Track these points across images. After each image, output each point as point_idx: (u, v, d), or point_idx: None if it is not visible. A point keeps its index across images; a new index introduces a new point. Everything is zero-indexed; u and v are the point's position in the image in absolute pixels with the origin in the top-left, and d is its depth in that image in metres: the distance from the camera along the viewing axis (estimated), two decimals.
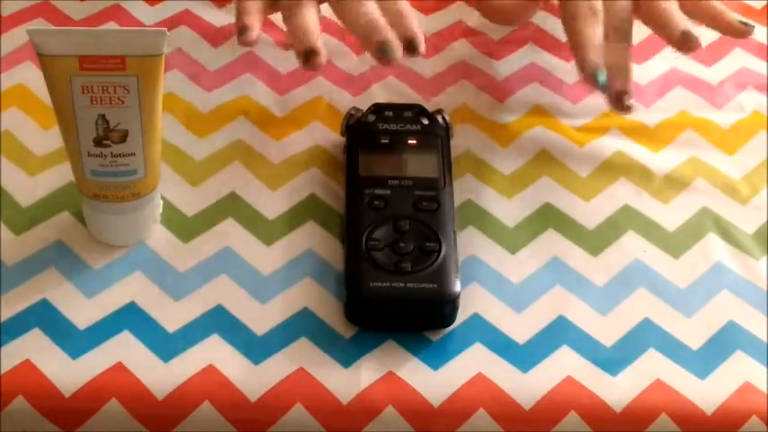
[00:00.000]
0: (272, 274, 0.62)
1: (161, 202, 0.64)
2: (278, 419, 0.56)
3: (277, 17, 0.67)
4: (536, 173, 0.69)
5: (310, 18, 0.64)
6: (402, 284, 0.58)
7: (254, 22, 0.64)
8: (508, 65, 0.76)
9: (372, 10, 0.64)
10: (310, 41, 0.62)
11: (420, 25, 0.64)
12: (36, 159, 0.67)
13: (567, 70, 0.76)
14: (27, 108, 0.71)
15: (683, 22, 0.66)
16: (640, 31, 0.80)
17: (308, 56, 0.62)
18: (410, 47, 0.63)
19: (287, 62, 0.75)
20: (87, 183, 0.60)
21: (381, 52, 0.62)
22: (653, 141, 0.71)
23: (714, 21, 0.68)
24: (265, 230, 0.64)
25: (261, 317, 0.60)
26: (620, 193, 0.68)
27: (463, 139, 0.70)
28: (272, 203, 0.66)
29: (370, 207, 0.62)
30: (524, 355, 0.59)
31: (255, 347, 0.58)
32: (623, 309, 0.61)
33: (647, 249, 0.65)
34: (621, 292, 0.62)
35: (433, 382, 0.57)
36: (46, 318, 0.59)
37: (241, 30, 0.63)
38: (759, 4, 0.83)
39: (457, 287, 0.58)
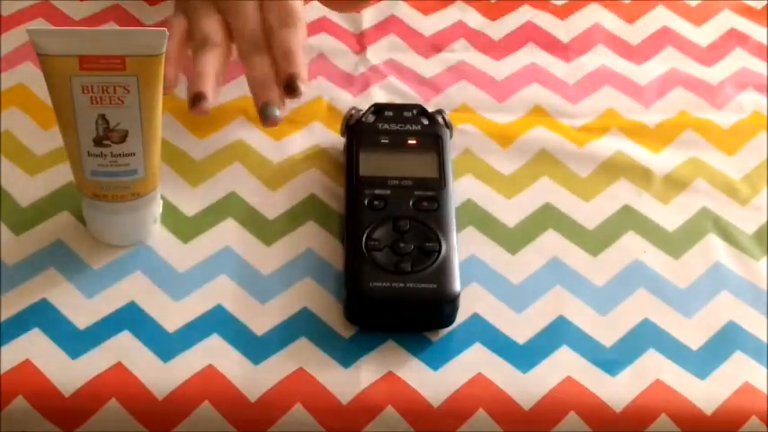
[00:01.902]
0: (272, 274, 0.62)
1: (161, 202, 0.64)
2: (278, 419, 0.56)
3: None
4: (536, 173, 0.69)
5: (208, 62, 0.65)
6: (402, 284, 0.58)
7: (170, 70, 0.64)
8: (508, 65, 0.76)
9: (267, 65, 0.65)
10: (197, 86, 0.64)
11: (305, 61, 0.65)
12: (36, 159, 0.67)
13: (566, 70, 0.76)
14: (27, 108, 0.71)
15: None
16: (639, 32, 0.80)
17: (193, 100, 0.64)
18: (289, 88, 0.64)
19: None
20: (87, 183, 0.60)
21: (263, 112, 0.64)
22: (653, 141, 0.71)
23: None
24: (265, 230, 0.64)
25: (261, 317, 0.60)
26: (620, 194, 0.68)
27: (463, 139, 0.70)
28: (272, 203, 0.66)
29: (370, 207, 0.62)
30: (524, 355, 0.59)
31: (255, 347, 0.58)
32: (623, 309, 0.61)
33: (647, 249, 0.65)
34: (621, 292, 0.62)
35: (432, 382, 0.57)
36: (46, 318, 0.59)
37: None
38: (759, 4, 0.83)
39: (457, 287, 0.58)
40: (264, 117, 0.64)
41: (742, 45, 0.79)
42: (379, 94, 0.73)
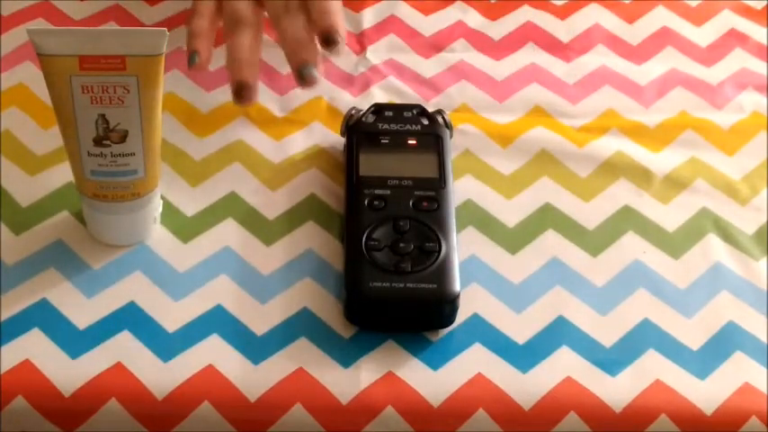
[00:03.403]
0: (272, 274, 0.62)
1: (161, 202, 0.64)
2: (278, 419, 0.56)
3: None
4: (536, 173, 0.69)
5: (245, 46, 0.63)
6: (402, 284, 0.58)
7: (203, 45, 0.63)
8: (508, 65, 0.76)
9: (300, 26, 0.63)
10: (240, 75, 0.62)
11: (344, 24, 0.64)
12: (36, 159, 0.67)
13: (566, 70, 0.76)
14: (27, 108, 0.71)
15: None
16: (639, 32, 0.80)
17: (237, 90, 0.61)
18: (327, 40, 0.62)
19: (287, 62, 0.75)
20: (87, 182, 0.60)
21: (300, 73, 0.62)
22: (653, 141, 0.71)
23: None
24: (265, 230, 0.64)
25: (261, 317, 0.60)
26: (620, 194, 0.68)
27: (463, 139, 0.70)
28: (272, 203, 0.66)
29: (370, 207, 0.62)
30: (524, 356, 0.59)
31: (255, 347, 0.58)
32: (623, 309, 0.61)
33: (646, 250, 0.65)
34: (621, 292, 0.62)
35: (432, 382, 0.57)
36: (46, 318, 0.59)
37: (191, 55, 0.63)
38: (759, 5, 0.83)
39: (457, 287, 0.58)
40: (301, 78, 0.62)
41: (742, 45, 0.79)
42: (379, 94, 0.73)
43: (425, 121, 0.67)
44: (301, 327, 0.59)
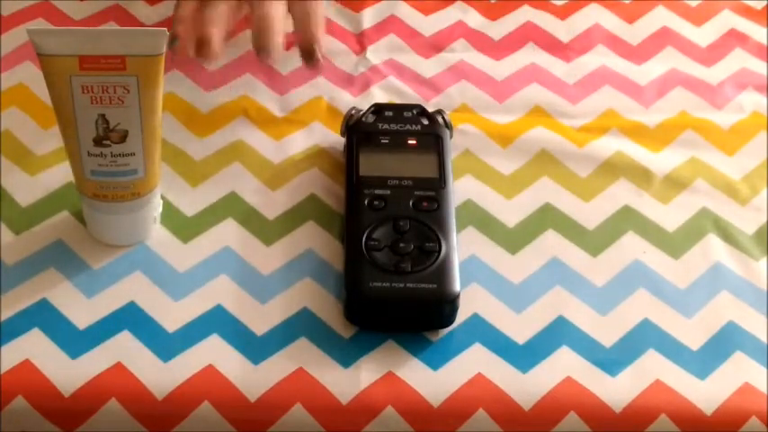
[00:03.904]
0: (271, 274, 0.62)
1: (161, 202, 0.64)
2: (278, 419, 0.56)
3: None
4: (536, 173, 0.69)
5: (214, 13, 0.67)
6: (402, 284, 0.58)
7: (183, 30, 0.67)
8: (508, 65, 0.76)
9: (275, 12, 0.67)
10: (202, 31, 0.66)
11: (324, 34, 0.67)
12: (36, 159, 0.67)
13: (566, 70, 0.76)
14: (27, 108, 0.71)
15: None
16: (639, 32, 0.80)
17: (199, 43, 0.66)
18: (307, 55, 0.67)
19: (287, 62, 0.75)
20: (87, 182, 0.60)
21: (260, 52, 0.66)
22: (653, 142, 0.71)
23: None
24: (265, 230, 0.64)
25: (261, 317, 0.60)
26: (620, 194, 0.68)
27: (463, 139, 0.70)
28: (272, 203, 0.66)
29: (370, 207, 0.62)
30: (524, 356, 0.59)
31: (255, 347, 0.58)
32: (623, 309, 0.61)
33: (646, 250, 0.65)
34: (621, 292, 0.62)
35: (432, 382, 0.57)
36: (46, 318, 0.59)
37: (171, 40, 0.66)
38: (759, 5, 0.83)
39: (457, 287, 0.58)
40: (260, 52, 0.67)
41: (742, 45, 0.79)
42: (379, 94, 0.73)
43: (425, 121, 0.67)
44: (301, 327, 0.59)
